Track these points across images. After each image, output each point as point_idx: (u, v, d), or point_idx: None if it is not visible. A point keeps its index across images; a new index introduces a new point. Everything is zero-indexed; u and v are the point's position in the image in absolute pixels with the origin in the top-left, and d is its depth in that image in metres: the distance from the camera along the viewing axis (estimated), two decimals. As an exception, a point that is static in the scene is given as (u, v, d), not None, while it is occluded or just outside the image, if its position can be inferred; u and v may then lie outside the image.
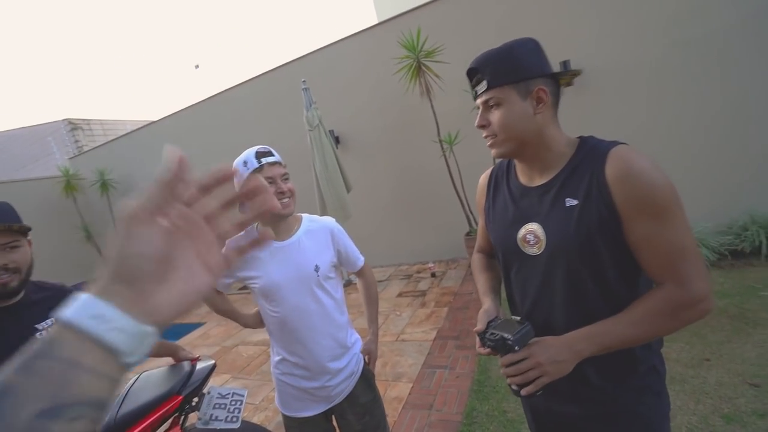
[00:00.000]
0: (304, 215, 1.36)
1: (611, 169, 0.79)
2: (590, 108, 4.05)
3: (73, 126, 10.39)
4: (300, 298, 1.21)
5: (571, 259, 0.85)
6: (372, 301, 1.51)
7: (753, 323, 2.43)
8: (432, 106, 4.37)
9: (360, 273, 1.48)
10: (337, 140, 5.29)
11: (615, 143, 0.84)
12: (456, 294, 3.92)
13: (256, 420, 2.51)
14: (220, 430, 1.44)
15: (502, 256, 1.02)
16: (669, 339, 2.37)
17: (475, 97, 0.93)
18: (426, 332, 3.26)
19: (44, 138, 11.17)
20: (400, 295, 4.29)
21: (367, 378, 1.38)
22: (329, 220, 1.38)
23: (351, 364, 1.33)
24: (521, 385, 0.81)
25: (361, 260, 1.44)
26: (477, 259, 1.23)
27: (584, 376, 0.83)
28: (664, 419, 0.91)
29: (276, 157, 1.22)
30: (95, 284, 0.30)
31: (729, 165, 3.62)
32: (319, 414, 1.29)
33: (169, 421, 1.52)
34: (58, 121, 10.44)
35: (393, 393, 2.50)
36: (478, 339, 0.90)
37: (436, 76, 4.27)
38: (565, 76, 3.94)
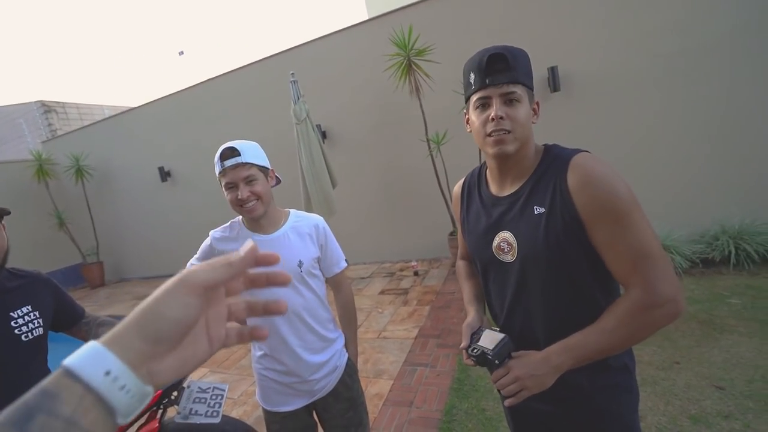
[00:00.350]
0: (292, 211, 1.35)
1: (572, 177, 0.82)
2: (574, 113, 4.14)
3: (46, 108, 9.96)
4: (281, 292, 1.19)
5: (543, 265, 0.87)
6: (351, 323, 1.46)
7: (720, 329, 2.54)
8: (421, 105, 4.39)
9: (337, 282, 1.41)
10: (324, 135, 5.26)
11: (577, 151, 0.87)
12: (438, 293, 3.95)
13: (234, 414, 2.48)
14: (200, 424, 1.42)
15: (480, 265, 1.04)
16: (642, 343, 2.47)
17: (484, 85, 0.86)
18: (408, 330, 3.28)
19: (15, 119, 10.68)
20: (382, 292, 4.30)
21: (350, 373, 1.38)
22: (316, 217, 1.37)
23: (334, 358, 1.33)
24: (506, 397, 0.85)
25: (341, 265, 1.39)
26: (461, 266, 1.25)
27: (561, 377, 0.85)
28: (635, 413, 0.95)
29: (240, 158, 1.14)
30: (111, 333, 0.29)
31: (702, 176, 3.77)
32: (300, 408, 1.29)
33: (146, 415, 1.49)
34: (31, 102, 9.99)
35: (374, 389, 2.51)
36: (464, 352, 0.94)
37: (426, 75, 4.29)
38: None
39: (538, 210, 0.87)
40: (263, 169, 1.22)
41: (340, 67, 5.21)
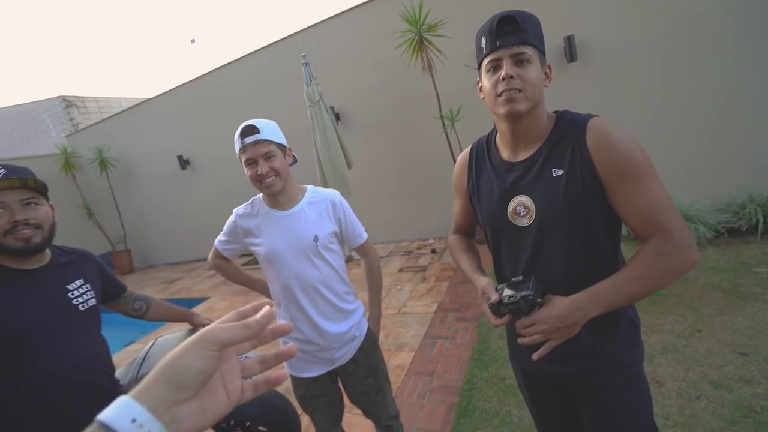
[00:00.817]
0: (309, 187, 1.39)
1: (591, 139, 0.86)
2: (593, 84, 4.02)
3: (67, 103, 10.22)
4: (299, 265, 1.27)
5: (562, 225, 0.90)
6: (375, 286, 1.51)
7: (745, 297, 2.50)
8: (433, 82, 4.33)
9: (362, 251, 1.47)
10: (337, 116, 5.26)
11: (590, 116, 0.90)
12: (456, 269, 3.99)
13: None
14: None
15: (491, 231, 1.06)
16: (663, 311, 2.47)
17: (495, 48, 0.87)
18: (427, 305, 3.34)
19: (39, 115, 11.01)
20: (401, 270, 4.37)
21: (370, 342, 1.44)
22: (332, 192, 1.41)
23: (353, 329, 1.38)
24: (532, 351, 0.87)
25: (363, 236, 1.44)
26: (455, 239, 1.25)
27: (575, 335, 0.88)
28: (641, 366, 0.99)
29: (259, 135, 1.18)
30: (142, 384, 0.34)
31: (728, 144, 3.64)
32: (323, 374, 1.36)
33: None
34: (53, 98, 10.26)
35: (396, 361, 2.59)
36: (490, 313, 0.93)
37: (438, 51, 4.21)
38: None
39: (557, 172, 0.89)
40: (281, 147, 1.26)
41: (351, 46, 5.17)
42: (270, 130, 1.23)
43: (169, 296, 5.50)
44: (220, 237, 1.41)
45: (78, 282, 1.17)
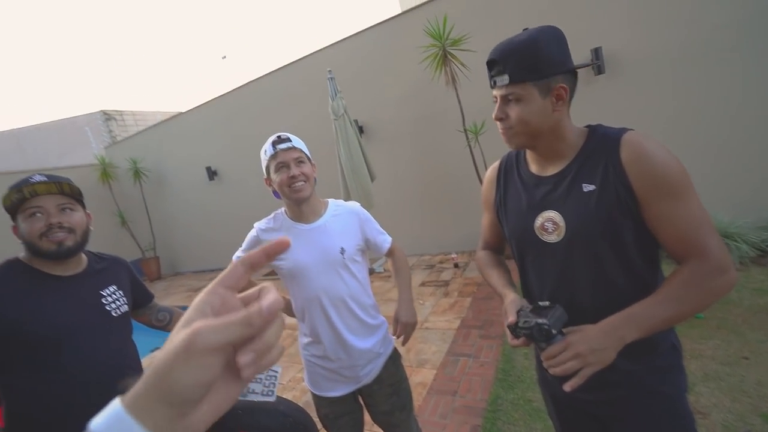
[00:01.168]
0: (330, 200, 1.40)
1: (626, 153, 0.82)
2: (622, 96, 3.91)
3: (107, 117, 10.78)
4: (326, 279, 1.25)
5: (593, 242, 0.86)
6: (402, 270, 1.45)
7: (796, 322, 2.32)
8: (457, 96, 4.32)
9: (390, 253, 1.47)
10: (361, 130, 5.31)
11: (624, 130, 0.87)
12: (479, 284, 3.90)
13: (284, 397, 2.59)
14: (257, 402, 1.50)
15: (517, 246, 1.03)
16: (704, 336, 2.32)
17: (493, 87, 0.93)
18: (449, 321, 3.27)
19: (82, 128, 11.65)
20: (423, 284, 4.31)
21: (394, 359, 1.41)
22: (355, 205, 1.41)
23: (377, 345, 1.35)
24: (564, 379, 0.80)
25: (388, 241, 1.43)
26: (484, 255, 1.22)
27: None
28: (684, 397, 0.92)
29: (291, 143, 1.24)
30: (134, 394, 0.28)
31: (774, 157, 3.43)
32: (347, 394, 1.32)
33: None
34: (94, 112, 10.86)
35: (417, 378, 2.53)
36: (509, 332, 0.90)
37: (462, 65, 4.21)
38: (583, 67, 3.80)
39: (588, 187, 0.86)
40: (308, 158, 1.30)
41: (375, 61, 5.24)
42: (299, 141, 1.29)
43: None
44: (239, 253, 1.38)
45: (112, 288, 1.21)
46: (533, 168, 0.99)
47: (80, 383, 1.05)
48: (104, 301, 1.16)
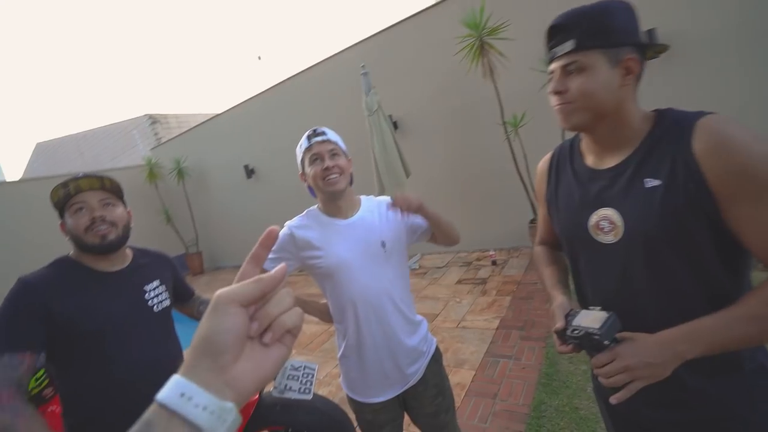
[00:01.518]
0: (362, 197, 1.35)
1: (700, 142, 0.70)
2: (681, 83, 3.61)
3: (152, 120, 11.35)
4: (369, 275, 1.19)
5: (655, 245, 0.75)
6: (446, 224, 1.35)
7: None
8: (495, 87, 4.16)
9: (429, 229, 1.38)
10: (395, 125, 5.26)
11: (701, 113, 0.73)
12: (519, 283, 3.76)
13: (320, 394, 2.61)
14: (294, 399, 1.50)
15: (569, 246, 0.94)
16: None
17: (551, 60, 0.82)
18: (488, 321, 3.16)
19: (130, 131, 12.36)
20: (459, 282, 4.21)
21: (437, 359, 1.35)
22: (385, 198, 1.37)
23: (422, 342, 1.30)
24: (612, 391, 0.73)
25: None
26: (540, 251, 1.13)
27: (676, 377, 0.72)
28: None
29: (326, 136, 1.21)
30: (184, 361, 0.34)
31: None
32: (392, 398, 1.26)
33: None
34: (141, 116, 11.48)
35: (455, 379, 2.46)
36: (556, 337, 0.83)
37: (500, 54, 4.05)
38: (654, 48, 3.52)
39: (651, 183, 0.75)
40: (344, 152, 1.26)
41: (409, 55, 5.16)
42: (335, 135, 1.25)
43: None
44: (271, 255, 1.30)
45: (155, 283, 1.24)
46: (589, 160, 0.90)
47: (124, 375, 1.08)
48: (146, 297, 1.19)
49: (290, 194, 6.66)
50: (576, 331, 0.76)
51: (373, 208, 1.31)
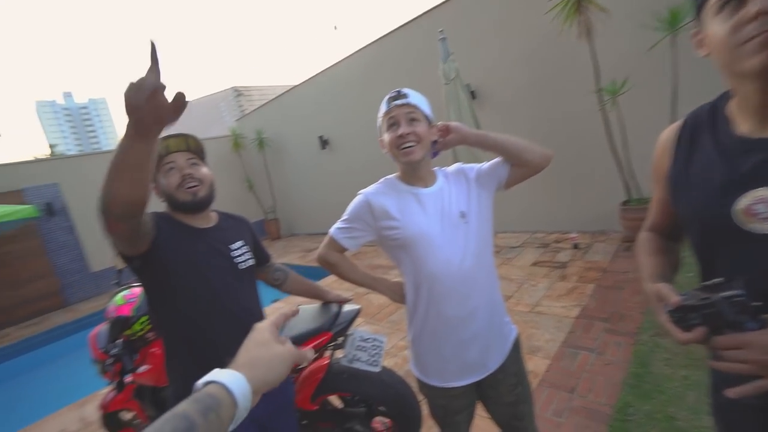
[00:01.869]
0: (436, 169, 1.24)
1: None
2: None
3: (237, 93, 12.09)
4: (451, 248, 1.09)
5: None
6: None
7: None
8: (592, 49, 3.66)
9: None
10: (473, 94, 4.95)
11: None
12: (605, 271, 3.41)
13: (385, 365, 2.65)
14: (363, 371, 1.51)
15: (703, 236, 0.74)
16: None
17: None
18: (567, 308, 2.93)
19: (218, 104, 13.33)
20: (535, 264, 3.95)
21: (517, 346, 1.24)
22: (455, 165, 1.26)
23: (505, 326, 1.20)
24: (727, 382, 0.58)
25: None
26: (645, 238, 0.93)
27: None
28: None
29: (407, 99, 1.11)
30: (238, 362, 0.54)
31: None
32: (471, 384, 1.17)
33: (319, 352, 1.67)
34: (227, 89, 12.28)
35: (527, 366, 2.32)
36: (670, 324, 0.65)
37: (602, 9, 3.52)
38: None
39: None
40: (427, 118, 1.14)
41: (492, 17, 4.73)
42: (418, 98, 1.14)
43: (306, 264, 6.13)
44: (339, 224, 1.21)
45: (239, 243, 1.28)
46: (743, 127, 0.69)
47: (218, 322, 1.15)
48: (233, 254, 1.24)
49: (363, 165, 6.72)
50: (706, 300, 0.59)
51: (449, 175, 1.21)
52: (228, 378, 0.48)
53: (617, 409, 1.89)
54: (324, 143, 7.58)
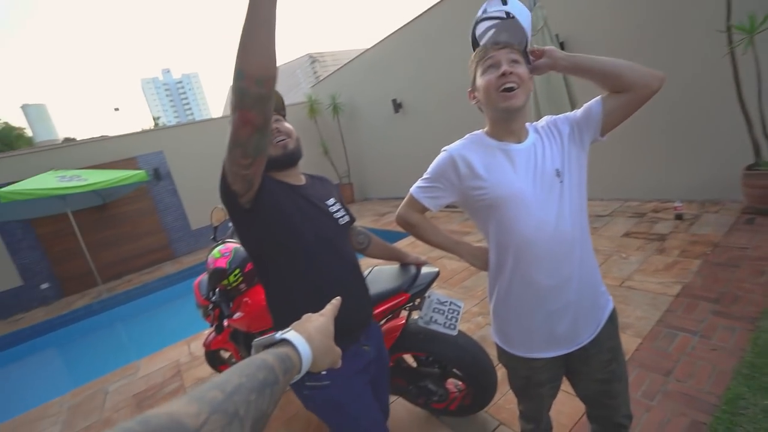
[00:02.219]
0: (527, 124, 1.10)
1: None
2: None
3: (312, 59, 12.31)
4: (544, 210, 0.99)
5: None
6: None
7: None
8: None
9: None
10: (562, 46, 4.42)
11: None
12: (716, 245, 2.96)
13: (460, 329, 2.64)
14: (440, 333, 1.51)
15: None
16: None
17: None
18: (665, 285, 2.62)
19: (294, 71, 13.74)
20: (627, 234, 3.56)
21: (613, 320, 1.12)
22: (547, 117, 1.11)
23: (602, 297, 1.10)
24: None
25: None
26: None
27: None
28: None
29: (510, 36, 1.00)
30: (314, 338, 0.59)
31: None
32: (558, 357, 1.09)
33: (395, 312, 1.70)
34: (302, 56, 12.55)
35: (614, 345, 2.15)
36: None
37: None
38: None
39: None
40: (525, 55, 1.02)
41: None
42: (526, 18, 1.00)
43: (380, 227, 6.27)
44: (420, 183, 1.14)
45: (331, 200, 1.27)
46: None
47: (328, 269, 1.16)
48: (331, 210, 1.23)
49: (438, 128, 6.53)
50: None
51: (540, 129, 1.08)
52: (305, 351, 0.55)
53: (726, 400, 1.67)
54: (397, 107, 7.46)
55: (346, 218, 1.27)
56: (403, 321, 1.74)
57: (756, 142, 3.19)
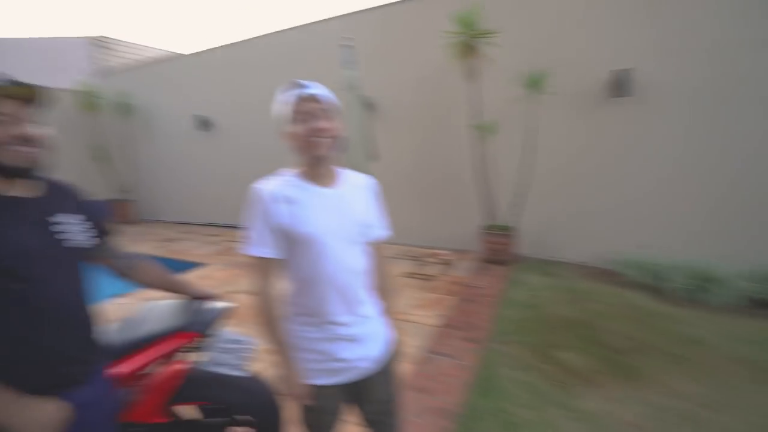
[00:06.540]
0: (339, 169, 1.23)
1: None
2: (642, 123, 3.86)
3: (97, 43, 10.07)
4: (345, 251, 1.10)
5: None
6: (393, 291, 1.37)
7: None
8: (474, 90, 4.18)
9: (378, 248, 1.29)
10: (371, 106, 5.10)
11: None
12: (466, 285, 3.84)
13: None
14: (229, 376, 1.38)
15: None
16: (678, 372, 2.28)
17: None
18: (431, 317, 3.20)
19: (63, 51, 10.83)
20: (407, 275, 4.22)
21: (392, 346, 1.27)
22: (371, 179, 1.29)
23: (383, 328, 1.24)
24: None
25: (384, 233, 1.29)
26: None
27: None
28: None
29: (323, 95, 1.11)
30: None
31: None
32: (342, 385, 1.16)
33: (175, 354, 1.45)
34: (80, 37, 10.13)
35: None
36: None
37: (490, 59, 4.05)
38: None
39: None
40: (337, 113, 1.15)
41: (396, 38, 5.01)
42: (331, 97, 1.13)
43: (167, 255, 5.38)
44: (255, 234, 1.08)
45: (60, 217, 1.03)
46: None
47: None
48: (53, 229, 0.99)
49: (252, 156, 6.26)
50: None
51: (359, 184, 1.23)
52: None
53: (467, 407, 2.12)
54: (207, 125, 6.83)
55: (80, 239, 1.03)
56: (185, 366, 1.50)
57: (492, 210, 4.41)
